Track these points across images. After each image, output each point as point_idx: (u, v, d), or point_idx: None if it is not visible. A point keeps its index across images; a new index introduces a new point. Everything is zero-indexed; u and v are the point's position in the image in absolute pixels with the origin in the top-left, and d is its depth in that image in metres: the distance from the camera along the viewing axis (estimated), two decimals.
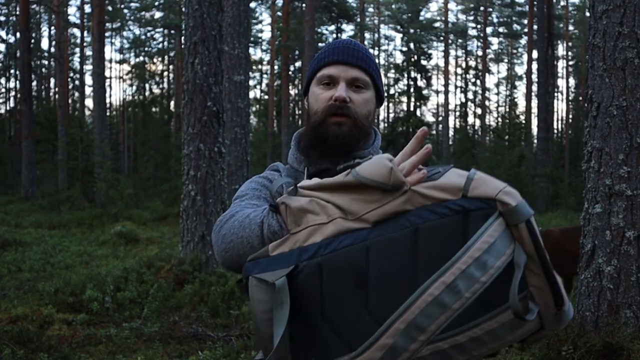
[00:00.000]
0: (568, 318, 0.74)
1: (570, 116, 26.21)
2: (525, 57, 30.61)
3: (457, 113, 32.13)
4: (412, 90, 22.92)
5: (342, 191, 0.73)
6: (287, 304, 0.69)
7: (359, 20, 24.19)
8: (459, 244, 0.69)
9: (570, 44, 28.69)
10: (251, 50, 24.45)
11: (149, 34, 29.06)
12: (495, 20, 30.57)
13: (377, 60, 1.01)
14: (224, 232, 0.82)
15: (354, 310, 0.71)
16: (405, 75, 23.02)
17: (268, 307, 0.71)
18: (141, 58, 30.18)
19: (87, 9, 22.01)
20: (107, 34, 26.67)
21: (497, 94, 35.13)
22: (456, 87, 32.36)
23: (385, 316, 0.70)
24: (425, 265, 0.69)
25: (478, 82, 29.96)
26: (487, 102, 31.32)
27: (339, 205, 0.73)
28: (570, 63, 29.17)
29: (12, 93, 27.13)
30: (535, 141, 16.86)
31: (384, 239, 0.70)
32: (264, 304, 0.72)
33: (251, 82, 24.51)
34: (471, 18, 31.26)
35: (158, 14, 26.91)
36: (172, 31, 24.68)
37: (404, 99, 24.21)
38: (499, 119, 25.57)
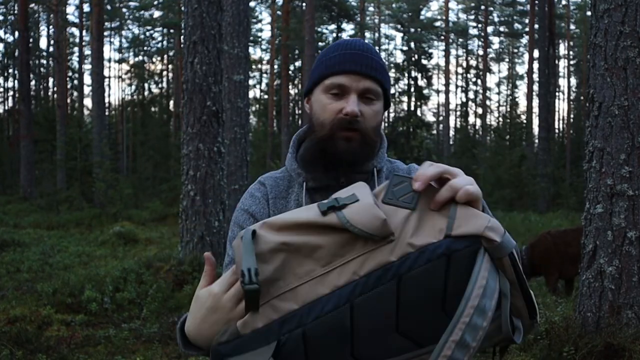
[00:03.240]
0: (536, 328, 0.77)
1: (572, 116, 26.20)
2: (526, 56, 30.64)
3: (458, 113, 32.14)
4: (412, 89, 22.91)
5: (318, 233, 0.68)
6: None
7: (359, 19, 24.17)
8: (440, 286, 0.68)
9: (571, 43, 28.68)
10: (251, 49, 24.45)
11: (148, 33, 29.06)
12: (496, 19, 30.56)
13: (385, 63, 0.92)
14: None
15: (339, 358, 0.70)
16: (406, 74, 23.00)
17: None
18: (140, 57, 30.18)
19: (86, 8, 22.02)
20: (106, 33, 26.65)
21: (498, 93, 35.12)
22: (457, 86, 32.36)
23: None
24: (407, 310, 0.69)
25: (479, 81, 29.97)
26: (488, 102, 31.31)
27: (313, 254, 0.67)
28: (572, 62, 29.17)
29: (11, 93, 27.14)
30: (537, 141, 16.87)
31: (368, 296, 0.67)
32: None
33: (251, 82, 24.51)
34: (472, 17, 31.25)
35: (157, 13, 26.91)
36: (172, 30, 24.67)
37: (405, 98, 24.20)
38: (500, 119, 25.57)
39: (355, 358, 0.70)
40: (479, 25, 30.68)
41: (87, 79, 38.16)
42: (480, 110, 30.32)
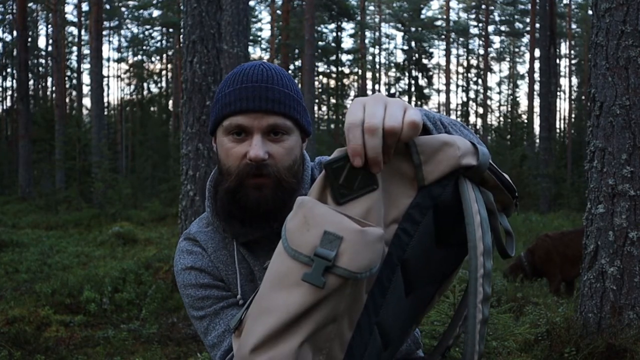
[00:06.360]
0: (517, 204, 0.74)
1: (573, 115, 26.19)
2: (527, 55, 30.65)
3: (459, 112, 32.11)
4: (413, 89, 22.90)
5: (325, 305, 0.59)
6: None
7: (359, 18, 24.15)
8: (433, 232, 0.63)
9: (573, 42, 28.67)
10: (250, 49, 24.43)
11: (147, 33, 29.04)
12: (497, 18, 30.55)
13: (297, 85, 0.87)
14: None
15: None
16: (406, 74, 23.00)
17: None
18: (139, 57, 30.16)
19: (85, 7, 22.01)
20: (104, 33, 26.64)
21: (499, 93, 35.12)
22: (457, 86, 32.36)
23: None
24: (414, 277, 0.65)
25: (480, 81, 29.98)
26: (488, 101, 31.32)
27: (331, 324, 0.60)
28: (573, 62, 29.16)
29: (9, 92, 27.12)
30: (538, 141, 16.85)
31: (383, 301, 0.63)
32: None
33: None
34: (473, 16, 31.24)
35: (156, 12, 26.90)
36: (171, 30, 24.64)
37: (405, 98, 24.18)
38: (501, 118, 25.54)
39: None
40: (480, 25, 30.67)
41: (86, 79, 38.18)
42: (481, 110, 30.33)
